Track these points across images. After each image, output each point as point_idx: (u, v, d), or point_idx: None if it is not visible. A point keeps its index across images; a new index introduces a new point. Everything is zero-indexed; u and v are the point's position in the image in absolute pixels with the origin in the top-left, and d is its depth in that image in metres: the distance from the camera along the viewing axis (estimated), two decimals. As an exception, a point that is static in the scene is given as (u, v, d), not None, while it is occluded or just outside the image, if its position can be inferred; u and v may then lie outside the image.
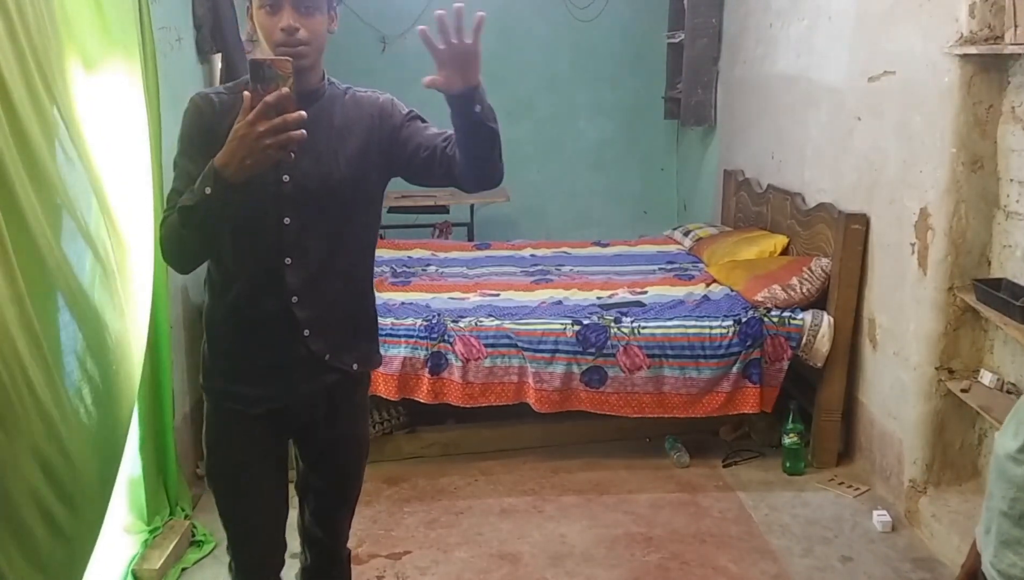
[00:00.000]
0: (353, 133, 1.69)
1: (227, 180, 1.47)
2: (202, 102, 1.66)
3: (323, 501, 1.91)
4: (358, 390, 1.86)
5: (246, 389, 1.72)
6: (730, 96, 4.89)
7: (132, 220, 2.28)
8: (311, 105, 1.61)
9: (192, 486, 3.12)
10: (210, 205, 1.50)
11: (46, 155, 1.77)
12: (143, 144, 2.44)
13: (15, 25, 1.67)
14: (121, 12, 2.30)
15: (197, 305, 3.31)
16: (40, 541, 1.66)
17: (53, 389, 1.70)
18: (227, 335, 1.72)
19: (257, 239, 1.65)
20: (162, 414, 2.76)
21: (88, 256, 1.96)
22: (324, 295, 1.71)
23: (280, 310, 1.67)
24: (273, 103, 1.44)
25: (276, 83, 1.46)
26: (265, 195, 1.61)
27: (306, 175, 1.64)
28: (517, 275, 4.13)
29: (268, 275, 1.66)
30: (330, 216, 1.68)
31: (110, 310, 2.04)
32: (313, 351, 1.71)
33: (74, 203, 1.90)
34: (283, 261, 1.66)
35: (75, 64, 2.00)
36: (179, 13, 3.26)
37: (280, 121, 1.44)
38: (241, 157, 1.46)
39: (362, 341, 1.81)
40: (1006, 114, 2.58)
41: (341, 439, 1.84)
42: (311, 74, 1.66)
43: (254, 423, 1.73)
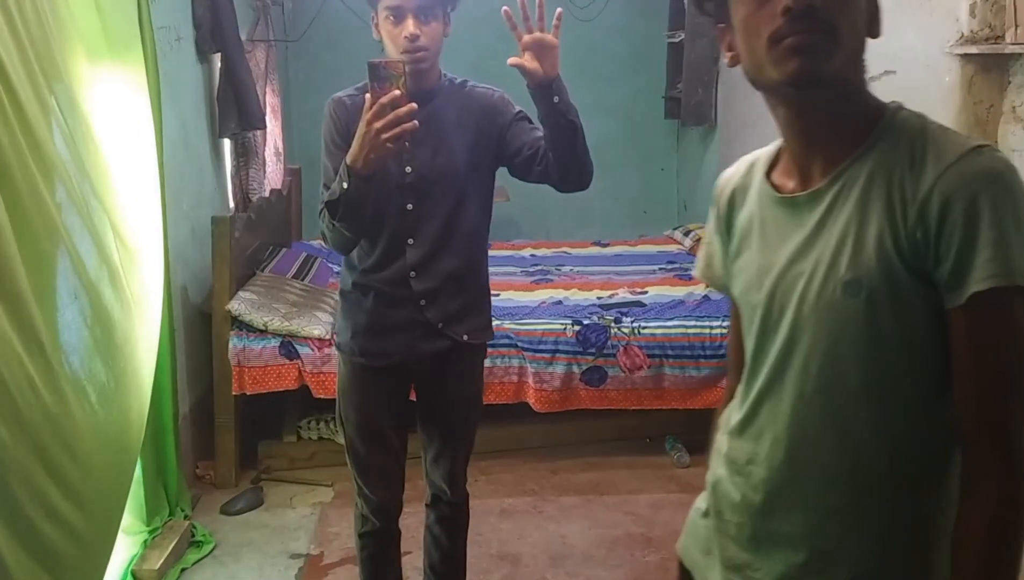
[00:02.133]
0: (467, 127, 1.90)
1: (359, 174, 1.69)
2: (336, 107, 1.88)
3: (437, 451, 2.10)
4: (469, 358, 2.05)
5: (370, 344, 1.95)
6: (730, 96, 4.89)
7: (138, 219, 2.27)
8: (430, 102, 1.84)
9: (192, 486, 3.12)
10: (349, 198, 1.72)
11: (51, 150, 1.77)
12: (149, 142, 2.43)
13: (16, 23, 1.67)
14: (121, 11, 2.29)
15: (197, 305, 3.31)
16: (49, 540, 1.66)
17: (55, 387, 1.70)
18: (357, 301, 1.95)
19: (385, 222, 1.87)
20: (162, 414, 2.75)
21: (93, 254, 1.95)
22: (439, 271, 1.92)
23: (401, 282, 1.90)
24: (387, 102, 1.63)
25: (391, 82, 1.64)
26: (391, 184, 1.84)
27: (426, 166, 1.86)
28: (517, 275, 4.13)
29: (393, 253, 1.89)
30: (447, 202, 1.89)
31: (118, 309, 2.04)
32: (428, 319, 1.93)
33: (77, 200, 1.90)
34: (406, 241, 1.89)
35: (76, 63, 1.99)
36: (179, 13, 3.26)
37: (393, 117, 1.63)
38: (365, 153, 1.67)
39: (473, 315, 2.00)
40: (1007, 114, 2.58)
41: (452, 399, 2.06)
42: (429, 75, 1.87)
43: (377, 375, 1.98)
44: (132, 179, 2.27)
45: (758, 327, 1.03)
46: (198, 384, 3.27)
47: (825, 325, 0.94)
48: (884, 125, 0.95)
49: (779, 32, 0.91)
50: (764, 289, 1.01)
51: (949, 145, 0.90)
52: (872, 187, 0.92)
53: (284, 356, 3.16)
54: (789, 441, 1.00)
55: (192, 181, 3.35)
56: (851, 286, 0.92)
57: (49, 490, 1.67)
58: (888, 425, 0.95)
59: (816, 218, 0.96)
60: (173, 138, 3.00)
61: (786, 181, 1.03)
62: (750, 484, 1.05)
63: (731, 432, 1.10)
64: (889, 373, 0.93)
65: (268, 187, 4.24)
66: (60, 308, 1.80)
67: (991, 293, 0.86)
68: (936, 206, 0.88)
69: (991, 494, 0.89)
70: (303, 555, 2.79)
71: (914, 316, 0.91)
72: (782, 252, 1.00)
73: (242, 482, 3.22)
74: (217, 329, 3.17)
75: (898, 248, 0.90)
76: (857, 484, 0.97)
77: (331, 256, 4.12)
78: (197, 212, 3.34)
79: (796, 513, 1.01)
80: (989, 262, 0.85)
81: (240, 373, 3.14)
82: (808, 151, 0.99)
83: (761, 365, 1.03)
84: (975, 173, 0.87)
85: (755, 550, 1.05)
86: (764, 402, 1.03)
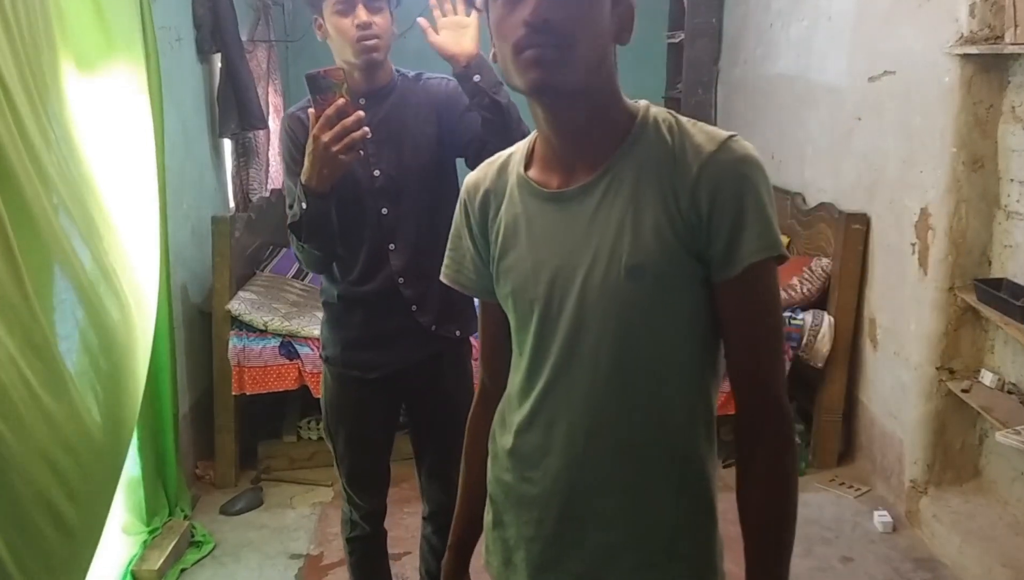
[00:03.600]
0: (429, 120, 1.83)
1: (315, 192, 1.63)
2: (291, 123, 1.82)
3: (434, 458, 2.06)
4: (460, 354, 2.01)
5: (363, 357, 1.90)
6: (730, 96, 4.89)
7: (134, 219, 2.27)
8: (385, 100, 1.81)
9: (191, 486, 3.12)
10: (310, 216, 1.67)
11: (48, 152, 1.77)
12: (147, 143, 2.43)
13: (11, 25, 1.67)
14: (121, 11, 2.29)
15: (197, 305, 3.31)
16: (48, 540, 1.66)
17: (52, 387, 1.70)
18: (345, 313, 1.90)
19: (363, 230, 1.82)
20: (162, 414, 2.75)
21: (89, 255, 1.95)
22: (426, 274, 1.80)
23: (390, 292, 1.85)
24: (332, 113, 1.57)
25: (333, 91, 1.57)
26: (362, 191, 1.79)
27: (393, 166, 1.81)
28: (517, 275, 4.12)
29: (376, 261, 1.84)
30: (421, 201, 1.84)
31: (114, 309, 2.03)
32: (420, 324, 1.88)
33: (74, 202, 1.89)
34: (387, 247, 1.84)
35: (71, 64, 1.99)
36: (179, 13, 3.26)
37: (340, 128, 1.57)
38: (318, 168, 1.61)
39: (462, 309, 1.96)
40: (1006, 114, 2.58)
41: (448, 400, 1.98)
42: (381, 72, 1.81)
43: (369, 387, 1.92)
44: (129, 180, 2.27)
45: (537, 322, 1.05)
46: (198, 384, 3.27)
47: (612, 310, 0.99)
48: (640, 122, 1.01)
49: (520, 43, 0.94)
50: (542, 283, 1.04)
51: (704, 136, 0.99)
52: (640, 179, 0.99)
53: (284, 356, 3.16)
54: (587, 425, 1.04)
55: (192, 181, 3.35)
56: (635, 270, 0.97)
57: (53, 491, 1.68)
58: (676, 395, 1.03)
59: (589, 211, 1.01)
60: (173, 138, 3.00)
61: (548, 178, 1.06)
62: (549, 476, 1.07)
63: (517, 430, 1.10)
64: (673, 346, 1.01)
65: (269, 187, 4.25)
66: (57, 308, 1.80)
67: (760, 264, 0.97)
68: (705, 192, 0.96)
69: (769, 443, 1.00)
70: (303, 555, 2.79)
71: (692, 292, 0.99)
72: (556, 246, 1.03)
73: (242, 482, 3.23)
74: (217, 329, 3.17)
75: (675, 232, 0.97)
76: (654, 454, 1.03)
77: (331, 256, 4.12)
78: (197, 212, 3.34)
79: (603, 493, 1.05)
80: (758, 237, 0.96)
81: (240, 373, 3.13)
82: (570, 149, 1.03)
83: (544, 358, 1.05)
84: (736, 160, 0.97)
85: (560, 542, 1.08)
86: (552, 393, 1.06)
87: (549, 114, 1.01)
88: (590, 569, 1.06)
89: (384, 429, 2.02)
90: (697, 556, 1.08)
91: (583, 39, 0.95)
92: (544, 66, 0.94)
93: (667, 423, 1.03)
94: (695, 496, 1.06)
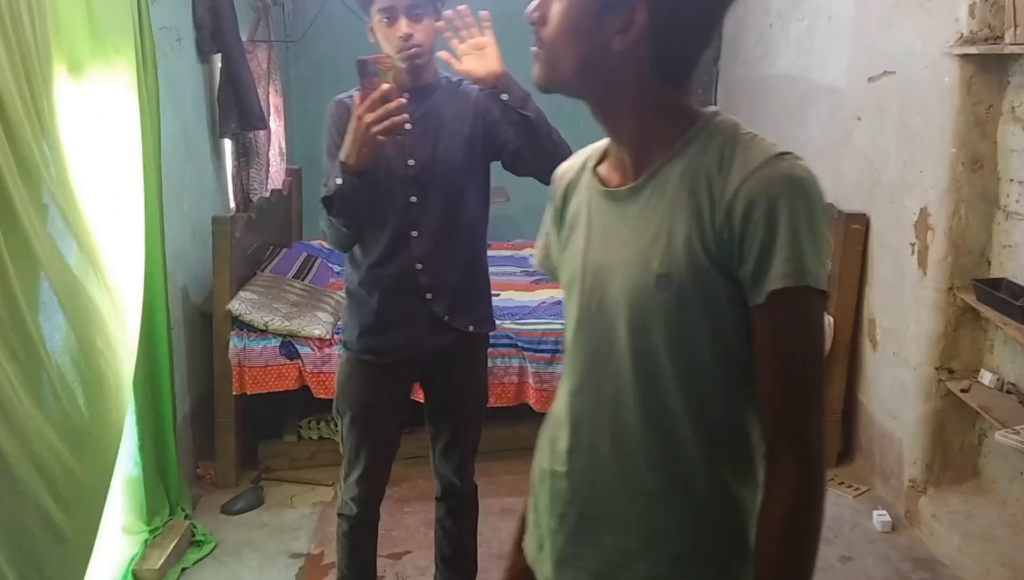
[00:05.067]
0: (464, 122, 1.94)
1: (351, 169, 1.73)
2: (337, 108, 1.92)
3: (446, 444, 2.14)
4: (474, 349, 2.09)
5: (377, 342, 1.97)
6: (730, 96, 4.89)
7: (121, 221, 2.26)
8: (429, 98, 1.92)
9: (192, 486, 3.12)
10: (343, 193, 1.76)
11: (35, 154, 1.77)
12: (135, 144, 2.42)
13: (5, 23, 1.67)
14: (114, 13, 2.28)
15: (197, 306, 3.31)
16: (41, 544, 1.66)
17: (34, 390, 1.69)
18: (364, 299, 1.97)
19: (389, 215, 1.90)
20: (162, 414, 2.76)
21: (78, 256, 1.95)
22: (444, 264, 1.95)
23: (407, 276, 1.93)
24: (378, 97, 1.67)
25: (380, 77, 1.67)
26: (395, 177, 1.89)
27: (427, 158, 1.91)
28: (517, 275, 4.13)
29: (397, 246, 1.92)
30: (448, 193, 1.93)
31: (102, 311, 2.03)
32: (435, 312, 1.96)
33: (62, 203, 1.89)
34: (410, 234, 1.92)
35: (63, 65, 1.98)
36: (179, 13, 3.26)
37: (383, 111, 1.66)
38: (357, 147, 1.70)
39: (476, 306, 2.05)
40: (1006, 114, 2.58)
41: (459, 391, 2.09)
42: (426, 71, 1.92)
43: (382, 371, 1.99)
44: (116, 182, 2.26)
45: (576, 316, 1.07)
46: (198, 384, 3.27)
47: (639, 317, 0.98)
48: (698, 129, 0.99)
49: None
50: (585, 280, 1.05)
51: (755, 151, 0.95)
52: (682, 187, 0.97)
53: (284, 356, 3.16)
54: (611, 430, 1.03)
55: (192, 181, 3.35)
56: (663, 280, 0.96)
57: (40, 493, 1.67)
58: (701, 413, 0.99)
59: (635, 213, 1.01)
60: (173, 138, 3.00)
61: (610, 175, 1.07)
62: (575, 473, 1.08)
63: (554, 422, 1.12)
64: (699, 363, 0.98)
65: (269, 187, 4.25)
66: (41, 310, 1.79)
67: (786, 292, 0.91)
68: (740, 209, 0.92)
69: (788, 489, 0.94)
70: (303, 555, 2.79)
71: (722, 311, 0.96)
72: (603, 245, 1.04)
73: (242, 482, 3.23)
74: (217, 329, 3.17)
75: (705, 247, 0.94)
76: (675, 469, 1.01)
77: (331, 256, 4.13)
78: (197, 212, 3.34)
79: (620, 499, 1.04)
80: (784, 262, 0.91)
81: (240, 373, 3.14)
82: (623, 149, 1.04)
83: (578, 354, 1.07)
84: (776, 178, 0.92)
85: (579, 539, 1.08)
86: (582, 392, 1.07)
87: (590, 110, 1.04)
88: (606, 571, 1.06)
89: (393, 415, 2.07)
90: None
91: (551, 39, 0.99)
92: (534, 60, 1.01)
93: (692, 442, 1.00)
94: (718, 521, 1.01)
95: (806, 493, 0.94)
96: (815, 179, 0.94)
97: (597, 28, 0.97)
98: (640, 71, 0.98)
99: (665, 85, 1.00)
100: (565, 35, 0.98)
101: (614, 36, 0.97)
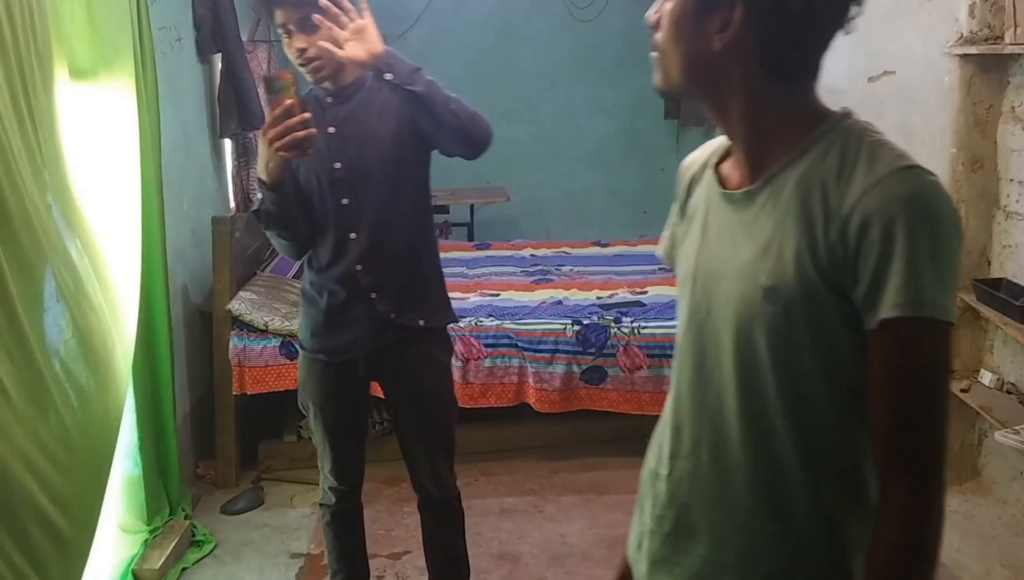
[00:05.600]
0: (391, 116, 1.89)
1: (266, 184, 1.79)
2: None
3: (414, 452, 2.12)
4: (427, 346, 2.04)
5: (326, 342, 2.01)
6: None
7: (120, 223, 2.26)
8: (352, 98, 1.91)
9: (192, 486, 3.12)
10: (266, 206, 1.83)
11: (40, 154, 1.77)
12: (133, 145, 2.42)
13: (2, 25, 1.66)
14: (114, 13, 2.28)
15: (197, 305, 3.31)
16: (36, 543, 1.66)
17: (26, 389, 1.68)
18: (313, 300, 2.00)
19: (327, 219, 1.92)
20: (162, 414, 2.76)
21: (81, 257, 1.95)
22: (385, 262, 1.95)
23: (349, 278, 1.94)
24: (280, 113, 1.69)
25: (283, 92, 1.69)
26: (324, 182, 1.90)
27: (354, 159, 1.90)
28: (517, 275, 4.13)
29: (338, 248, 1.93)
30: (381, 192, 1.91)
31: (100, 311, 2.02)
32: (379, 312, 1.95)
33: (64, 204, 1.89)
34: (348, 235, 1.92)
35: (63, 65, 1.98)
36: (179, 13, 3.26)
37: (282, 127, 1.68)
38: (265, 162, 1.76)
39: (426, 299, 2.03)
40: (1006, 114, 2.58)
41: (415, 392, 2.05)
42: (345, 73, 1.89)
43: (335, 370, 2.03)
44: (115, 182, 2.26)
45: (686, 316, 1.05)
46: (198, 384, 3.27)
47: (745, 328, 0.95)
48: (822, 132, 0.94)
49: None
50: (696, 282, 1.03)
51: (880, 162, 0.88)
52: (796, 195, 0.92)
53: (284, 356, 3.16)
54: (711, 439, 1.01)
55: (192, 181, 3.36)
56: (770, 293, 0.92)
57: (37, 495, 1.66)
58: (805, 430, 0.95)
59: (749, 219, 0.97)
60: (173, 138, 3.01)
61: (731, 175, 1.04)
62: (674, 478, 1.06)
63: (662, 423, 1.11)
64: (804, 380, 0.93)
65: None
66: (46, 310, 1.78)
67: (899, 322, 0.85)
68: (855, 226, 0.87)
69: (898, 523, 0.89)
70: (303, 555, 2.80)
71: (830, 328, 0.91)
72: (717, 248, 1.01)
73: (242, 482, 3.23)
74: (217, 329, 3.17)
75: (816, 263, 0.89)
76: (774, 485, 0.97)
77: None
78: (197, 212, 3.34)
79: (715, 510, 1.01)
80: (899, 290, 0.84)
81: (240, 373, 3.14)
82: (740, 150, 1.01)
83: (684, 359, 1.05)
84: (897, 196, 0.85)
85: (674, 545, 1.06)
86: (685, 398, 1.04)
87: (708, 113, 1.03)
88: (696, 579, 1.04)
89: (351, 410, 2.10)
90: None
91: (662, 43, 0.99)
92: (655, 69, 1.02)
93: (793, 464, 0.95)
94: (817, 548, 0.97)
95: (917, 529, 0.89)
96: (944, 197, 0.87)
97: (697, 29, 0.95)
98: (747, 70, 0.95)
99: (777, 84, 0.95)
100: (671, 38, 0.98)
101: (714, 36, 0.94)
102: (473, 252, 4.62)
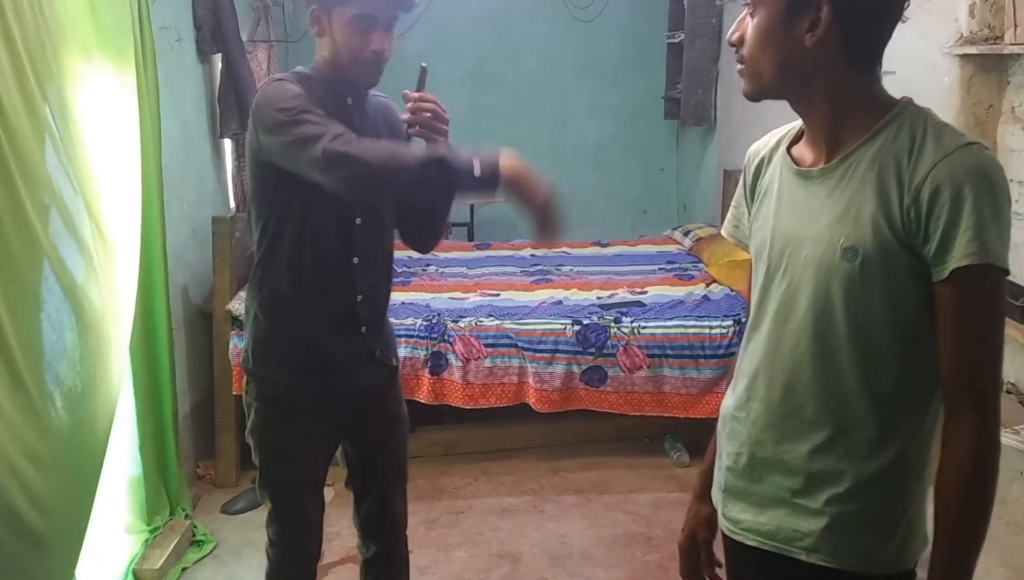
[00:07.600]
0: (381, 134, 1.74)
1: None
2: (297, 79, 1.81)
3: (380, 489, 1.92)
4: (396, 383, 1.94)
5: (309, 383, 1.76)
6: (730, 96, 4.89)
7: (119, 223, 2.26)
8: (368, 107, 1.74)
9: (192, 486, 3.12)
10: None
11: (36, 154, 1.76)
12: (134, 146, 2.42)
13: (10, 24, 1.67)
14: (114, 13, 2.28)
15: (197, 305, 3.31)
16: (8, 547, 1.62)
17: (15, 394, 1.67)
18: (294, 331, 1.74)
19: (332, 239, 1.69)
20: (162, 414, 2.76)
21: (79, 259, 1.94)
22: (381, 294, 1.81)
23: (346, 309, 1.74)
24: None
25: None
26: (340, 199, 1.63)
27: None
28: (517, 275, 4.13)
29: (339, 275, 1.71)
30: (387, 214, 1.77)
31: (97, 313, 2.02)
32: (369, 347, 1.79)
33: (63, 204, 1.89)
34: (351, 261, 1.71)
35: (67, 66, 1.98)
36: (179, 13, 3.26)
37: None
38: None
39: (393, 337, 1.92)
40: (1006, 114, 2.58)
41: (389, 426, 1.89)
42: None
43: (313, 418, 1.77)
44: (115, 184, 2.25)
45: (763, 280, 1.19)
46: (199, 384, 3.27)
47: (823, 282, 1.10)
48: (892, 116, 1.10)
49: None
50: (775, 247, 1.17)
51: (946, 140, 1.05)
52: (872, 169, 1.08)
53: (284, 356, 3.16)
54: (784, 380, 1.16)
55: (192, 181, 3.36)
56: (849, 252, 1.08)
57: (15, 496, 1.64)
58: (871, 370, 1.11)
59: (825, 193, 1.12)
60: (173, 138, 3.01)
61: (804, 155, 1.19)
62: (750, 418, 1.21)
63: (739, 371, 1.26)
64: (871, 326, 1.09)
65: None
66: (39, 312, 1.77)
67: (969, 269, 1.01)
68: (928, 193, 1.03)
69: (969, 444, 1.05)
70: (303, 554, 2.79)
71: (901, 281, 1.07)
72: (793, 217, 1.16)
73: (243, 481, 3.22)
74: (217, 329, 3.17)
75: (891, 225, 1.05)
76: (841, 417, 1.13)
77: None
78: (197, 212, 3.35)
79: (788, 445, 1.17)
80: (969, 243, 1.00)
81: (241, 373, 3.13)
82: (817, 134, 1.16)
83: (762, 315, 1.19)
84: (964, 167, 1.02)
85: (749, 476, 1.22)
86: (763, 349, 1.19)
87: (792, 106, 1.17)
88: (768, 505, 1.19)
89: (325, 462, 1.87)
90: (876, 536, 1.14)
91: (751, 54, 1.13)
92: (741, 76, 1.16)
93: (858, 398, 1.11)
94: (877, 472, 1.11)
95: (985, 448, 1.05)
96: (1000, 169, 1.04)
97: (789, 32, 1.09)
98: (834, 63, 1.10)
99: (858, 73, 1.11)
100: (761, 47, 1.11)
101: (805, 35, 1.08)
102: (473, 252, 4.62)
